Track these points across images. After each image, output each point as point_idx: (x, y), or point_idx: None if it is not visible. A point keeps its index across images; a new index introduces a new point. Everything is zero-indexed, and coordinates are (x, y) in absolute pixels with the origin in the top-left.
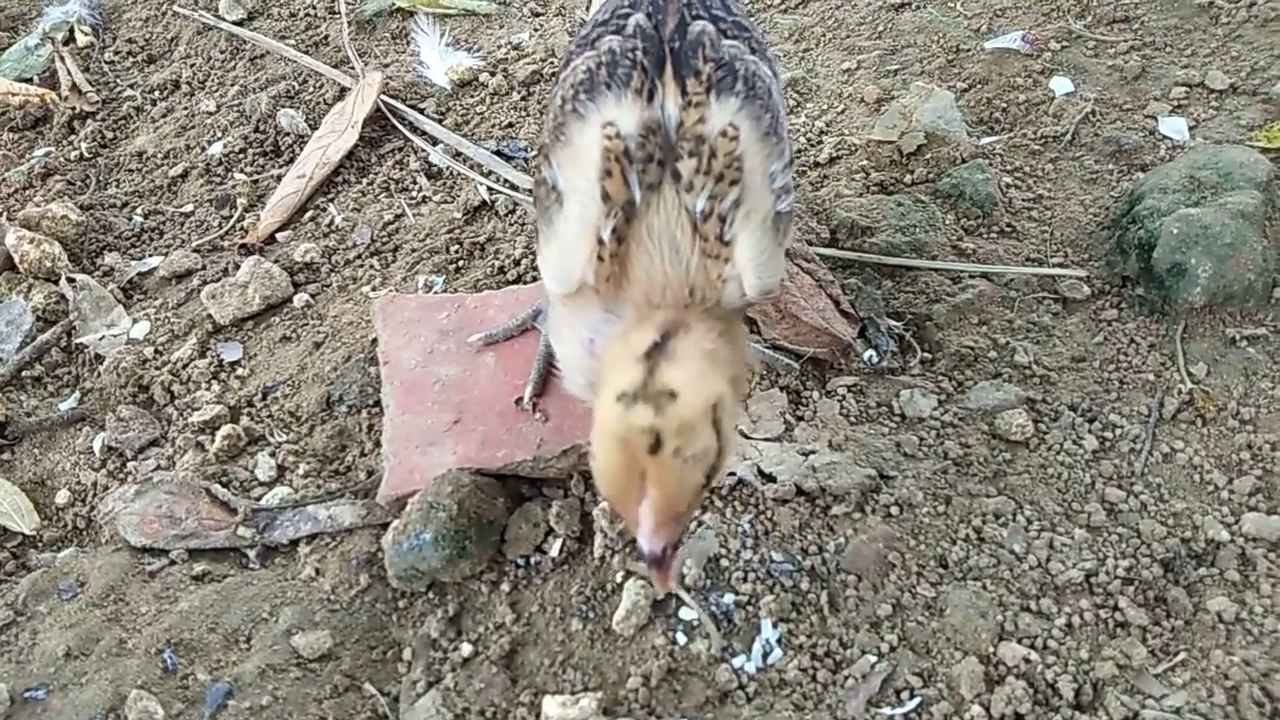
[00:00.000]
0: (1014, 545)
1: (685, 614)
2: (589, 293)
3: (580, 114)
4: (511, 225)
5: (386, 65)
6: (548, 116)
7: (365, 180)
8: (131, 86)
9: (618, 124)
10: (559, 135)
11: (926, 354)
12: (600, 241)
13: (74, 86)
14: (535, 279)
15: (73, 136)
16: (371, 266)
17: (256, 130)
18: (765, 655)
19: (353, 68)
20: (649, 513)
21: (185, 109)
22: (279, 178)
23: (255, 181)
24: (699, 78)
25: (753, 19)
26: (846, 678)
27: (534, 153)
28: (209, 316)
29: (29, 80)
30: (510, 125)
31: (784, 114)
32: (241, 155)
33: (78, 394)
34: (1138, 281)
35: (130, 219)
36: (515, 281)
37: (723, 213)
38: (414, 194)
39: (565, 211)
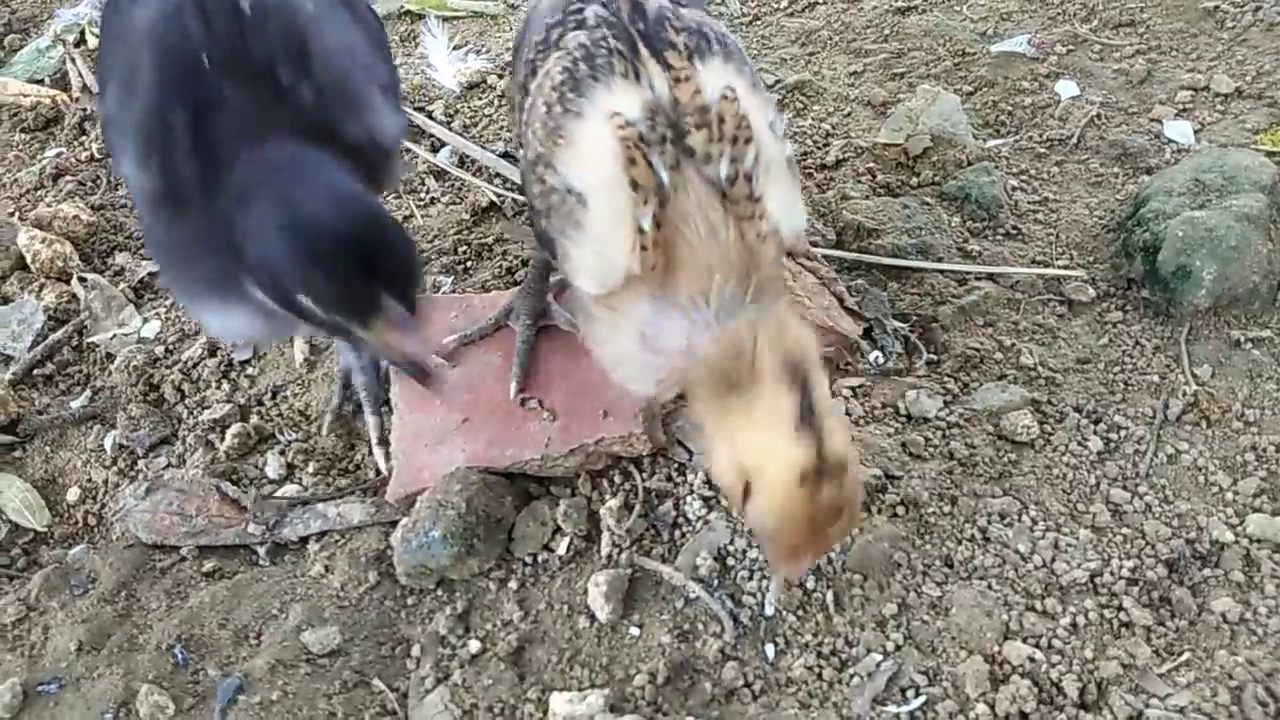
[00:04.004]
0: (1019, 545)
1: (692, 611)
2: (635, 284)
3: (576, 112)
4: (519, 226)
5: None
6: (531, 127)
7: None
8: None
9: (623, 112)
10: (557, 139)
11: (932, 355)
12: (641, 230)
13: (85, 88)
14: None
15: (84, 137)
16: None
17: None
18: (771, 653)
19: None
20: (812, 558)
21: None
22: None
23: None
24: (677, 50)
25: (759, 22)
26: (852, 676)
27: (526, 169)
28: None
29: (40, 82)
30: None
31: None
32: None
33: (89, 392)
34: (1143, 284)
35: (141, 219)
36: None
37: (748, 172)
38: (422, 195)
39: (591, 210)
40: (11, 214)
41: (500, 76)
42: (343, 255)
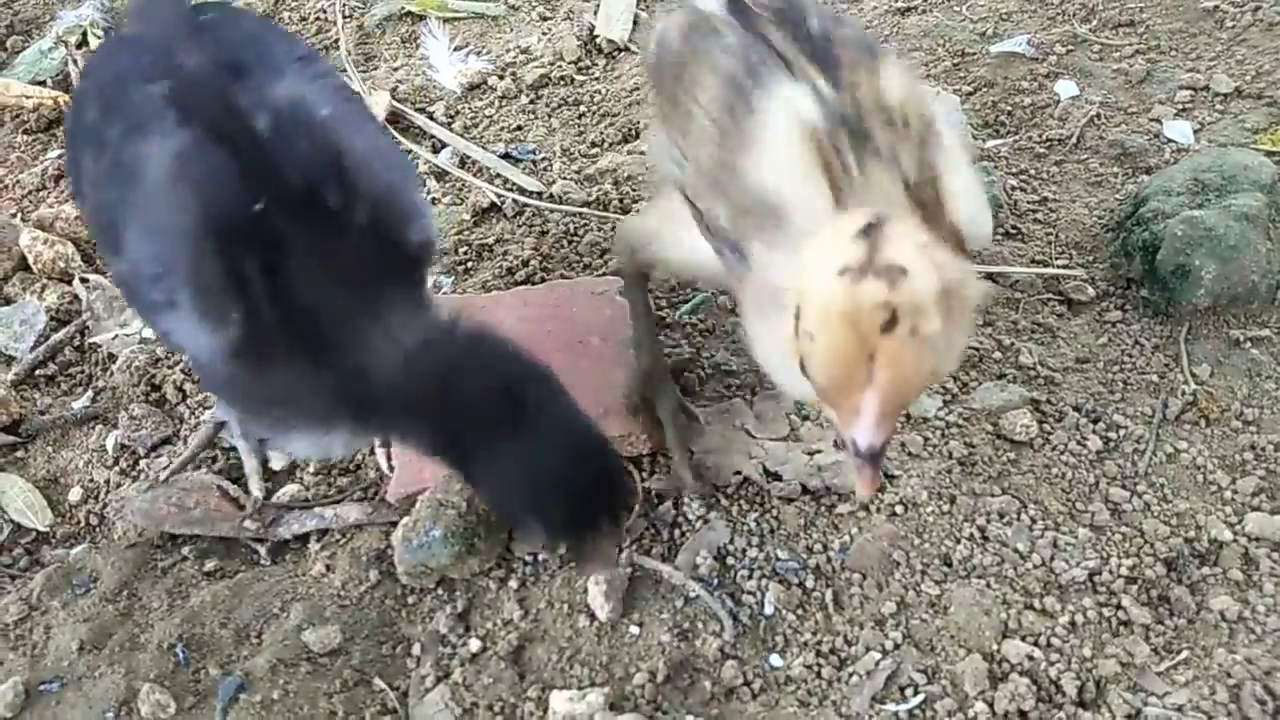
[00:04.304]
0: (1018, 544)
1: (692, 610)
2: None
3: (752, 114)
4: (520, 227)
5: (396, 69)
6: (694, 138)
7: None
8: None
9: (803, 112)
10: (735, 144)
11: None
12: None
13: None
14: (544, 279)
15: None
16: None
17: None
18: (770, 652)
19: (364, 71)
20: (874, 401)
21: None
22: None
23: None
24: (846, 58)
25: None
26: (851, 674)
27: (695, 193)
28: None
29: (43, 83)
30: (519, 128)
31: None
32: None
33: (91, 393)
34: (1142, 283)
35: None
36: (524, 282)
37: (933, 173)
38: (423, 196)
39: (790, 208)
40: (13, 215)
41: (501, 77)
42: (589, 512)
